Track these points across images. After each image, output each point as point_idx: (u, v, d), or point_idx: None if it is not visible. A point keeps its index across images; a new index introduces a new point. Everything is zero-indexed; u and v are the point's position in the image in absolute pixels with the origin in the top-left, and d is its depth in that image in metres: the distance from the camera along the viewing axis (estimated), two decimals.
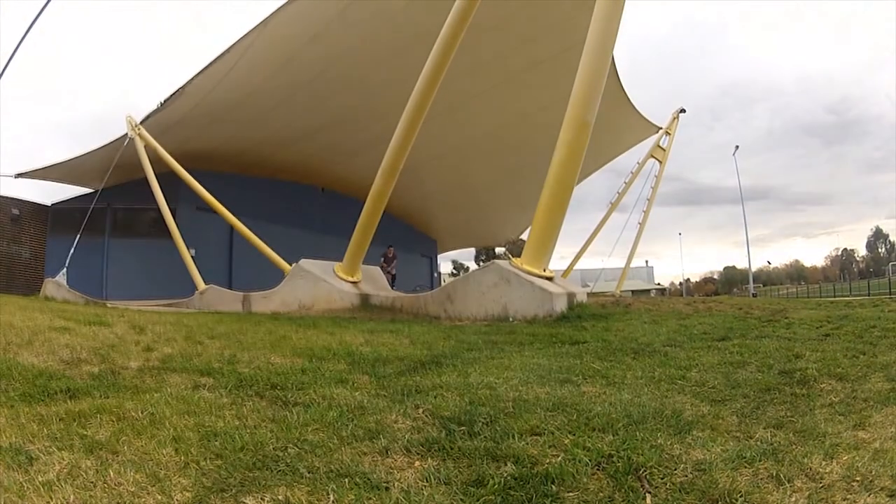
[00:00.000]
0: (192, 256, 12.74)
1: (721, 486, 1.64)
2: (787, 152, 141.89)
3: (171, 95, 11.80)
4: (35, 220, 15.27)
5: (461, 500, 1.59)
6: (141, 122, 12.53)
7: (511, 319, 6.57)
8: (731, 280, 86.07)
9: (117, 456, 1.78)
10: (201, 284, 11.81)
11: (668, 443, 2.00)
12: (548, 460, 1.83)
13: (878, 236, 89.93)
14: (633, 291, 32.15)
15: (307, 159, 16.59)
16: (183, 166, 12.34)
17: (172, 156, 12.29)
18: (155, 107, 12.27)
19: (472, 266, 55.46)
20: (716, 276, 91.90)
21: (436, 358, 3.92)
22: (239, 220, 11.98)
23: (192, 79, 11.24)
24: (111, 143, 12.71)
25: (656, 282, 68.47)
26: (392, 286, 13.72)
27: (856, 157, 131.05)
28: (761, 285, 74.82)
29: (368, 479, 1.68)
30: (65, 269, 11.61)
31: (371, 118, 13.67)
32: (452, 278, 27.34)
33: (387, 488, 1.64)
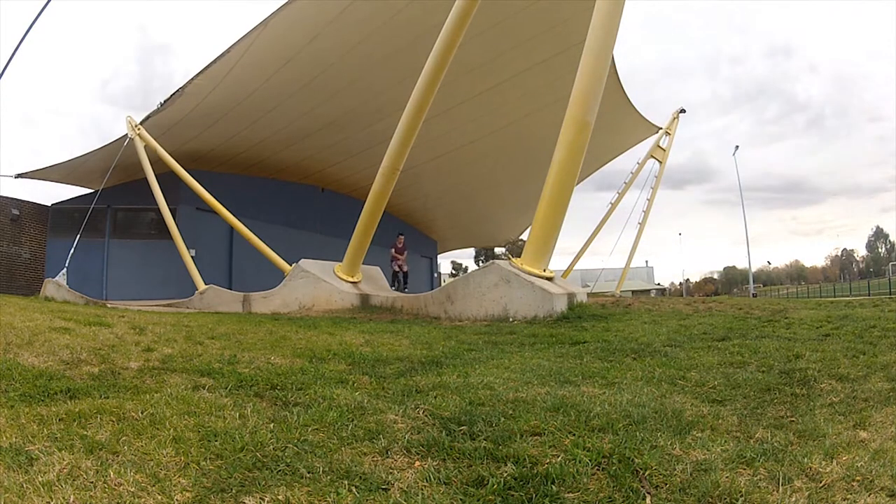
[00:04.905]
0: (192, 257, 12.74)
1: (721, 487, 1.64)
2: (788, 145, 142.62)
3: (171, 96, 11.80)
4: (35, 221, 15.27)
5: (461, 500, 1.59)
6: (141, 123, 12.52)
7: (511, 320, 6.57)
8: (731, 280, 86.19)
9: (117, 456, 1.78)
10: (201, 285, 11.81)
11: (669, 443, 2.01)
12: (548, 460, 1.83)
13: (878, 236, 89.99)
14: (633, 291, 32.15)
15: (307, 159, 16.59)
16: (183, 166, 12.34)
17: (172, 156, 12.29)
18: (155, 107, 12.28)
19: (472, 266, 55.53)
20: (716, 276, 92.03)
21: (436, 358, 3.92)
22: (239, 220, 11.97)
23: (192, 79, 11.24)
24: (111, 143, 12.71)
25: (656, 282, 68.50)
26: (405, 285, 13.54)
27: (856, 155, 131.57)
28: (761, 285, 74.86)
29: (368, 480, 1.68)
30: (65, 270, 11.60)
31: (371, 118, 13.67)
32: (452, 278, 27.33)
33: (387, 489, 1.64)
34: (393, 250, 14.14)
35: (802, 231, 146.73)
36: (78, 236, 12.14)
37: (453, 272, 56.94)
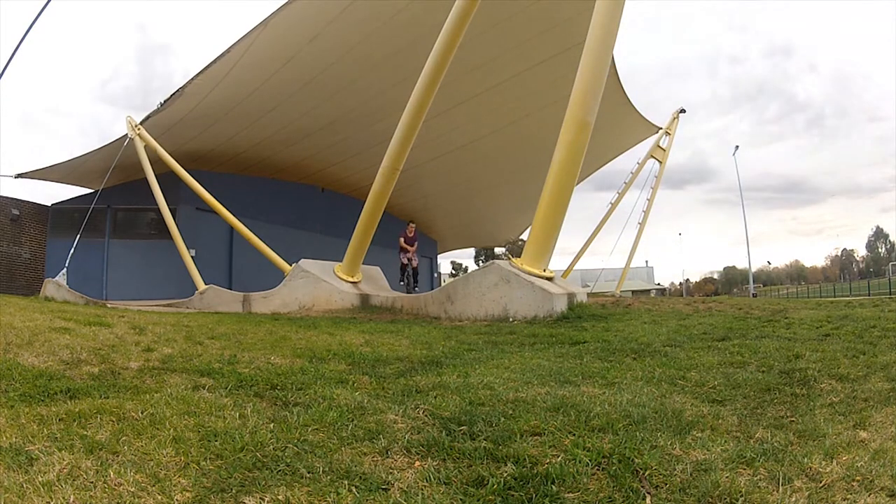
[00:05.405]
0: (192, 257, 12.74)
1: (721, 487, 1.64)
2: (788, 145, 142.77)
3: (171, 96, 11.80)
4: (35, 221, 15.26)
5: (461, 500, 1.59)
6: (141, 123, 12.52)
7: (511, 320, 6.57)
8: (731, 280, 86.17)
9: (117, 456, 1.78)
10: (201, 285, 11.81)
11: (669, 443, 2.01)
12: (548, 460, 1.83)
13: (878, 236, 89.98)
14: (633, 291, 32.15)
15: (307, 159, 16.59)
16: (183, 166, 12.35)
17: (172, 156, 12.29)
18: (155, 107, 12.27)
19: (472, 266, 55.53)
20: (716, 276, 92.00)
21: (436, 358, 3.92)
22: (239, 220, 11.97)
23: (192, 79, 11.24)
24: (111, 143, 12.71)
25: (656, 282, 68.49)
26: (415, 284, 12.04)
27: (856, 155, 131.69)
28: (761, 285, 74.87)
29: (368, 480, 1.68)
30: (65, 270, 11.59)
31: (371, 118, 13.67)
32: (452, 278, 27.31)
33: (387, 489, 1.64)
34: (402, 239, 12.04)
35: (802, 231, 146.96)
36: (78, 236, 12.14)
37: (453, 272, 56.92)
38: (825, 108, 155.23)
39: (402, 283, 12.10)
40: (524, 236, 23.91)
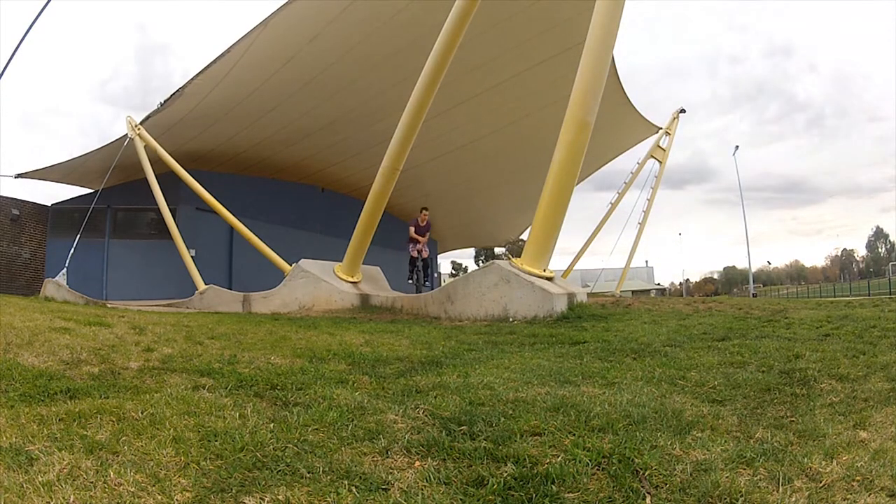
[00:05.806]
0: (192, 257, 12.74)
1: (721, 487, 1.64)
2: (788, 145, 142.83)
3: (171, 96, 11.80)
4: (35, 221, 15.27)
5: (461, 500, 1.59)
6: (141, 123, 12.52)
7: (511, 320, 6.57)
8: (731, 280, 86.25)
9: (117, 456, 1.78)
10: (201, 285, 11.81)
11: (669, 443, 2.01)
12: (548, 460, 1.83)
13: (878, 236, 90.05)
14: (633, 291, 32.15)
15: (307, 159, 16.59)
16: (183, 166, 12.35)
17: (172, 156, 12.29)
18: (155, 107, 12.28)
19: (472, 266, 55.51)
20: (716, 276, 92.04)
21: (436, 358, 3.92)
22: (239, 220, 11.98)
23: (192, 79, 11.24)
24: (111, 143, 12.71)
25: (656, 282, 68.49)
26: (426, 277, 11.36)
27: (856, 155, 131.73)
28: (761, 285, 74.91)
29: (368, 480, 1.68)
30: (65, 270, 11.59)
31: (371, 118, 13.67)
32: (452, 278, 27.29)
33: (387, 489, 1.64)
34: (412, 229, 10.95)
35: (802, 231, 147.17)
36: (78, 236, 12.14)
37: (453, 272, 56.92)
38: (825, 108, 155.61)
39: (410, 281, 11.51)
40: (524, 236, 23.92)
